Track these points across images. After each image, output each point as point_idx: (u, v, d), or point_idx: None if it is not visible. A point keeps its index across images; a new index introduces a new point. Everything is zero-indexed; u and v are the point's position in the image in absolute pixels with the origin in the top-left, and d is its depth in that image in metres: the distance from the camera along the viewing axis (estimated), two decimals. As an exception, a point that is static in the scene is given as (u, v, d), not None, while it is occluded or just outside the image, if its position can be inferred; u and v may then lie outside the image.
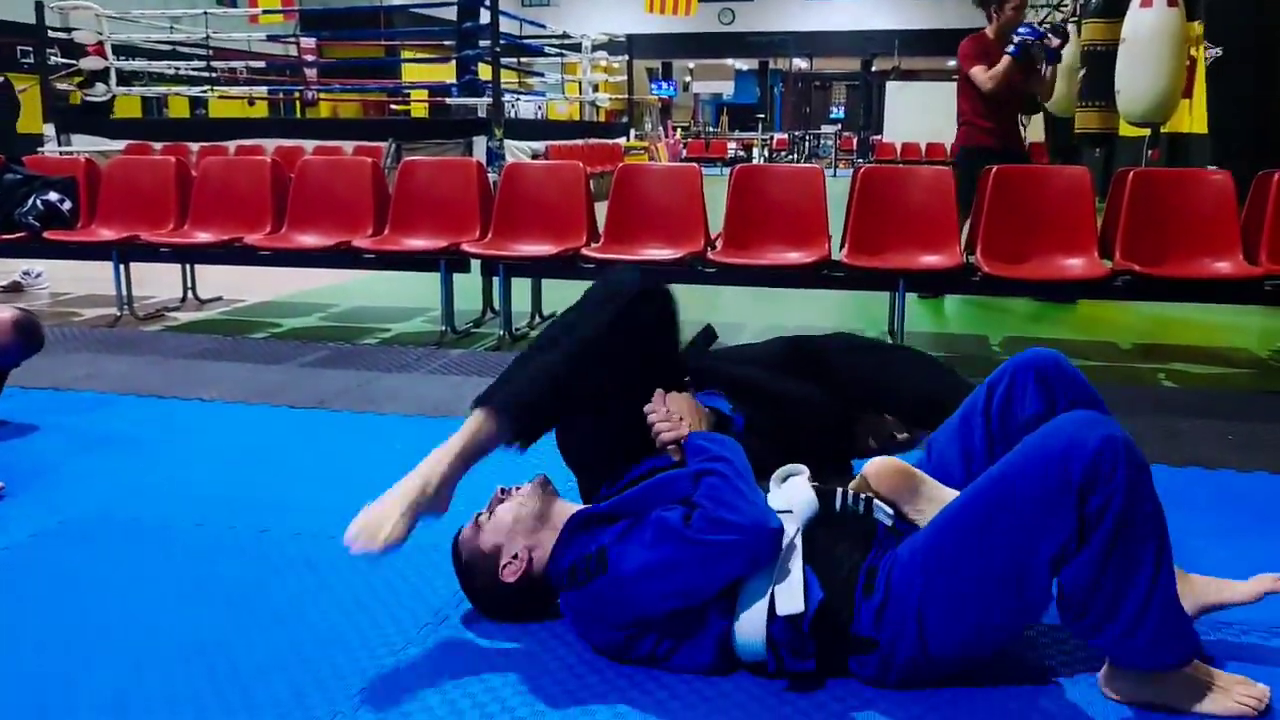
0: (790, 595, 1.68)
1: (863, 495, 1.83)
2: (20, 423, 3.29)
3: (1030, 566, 1.59)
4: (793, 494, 1.79)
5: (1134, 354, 4.76)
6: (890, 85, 23.06)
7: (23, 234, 5.14)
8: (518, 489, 1.95)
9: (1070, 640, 1.89)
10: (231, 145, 9.59)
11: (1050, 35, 5.51)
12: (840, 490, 1.83)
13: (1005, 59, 5.46)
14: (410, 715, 1.68)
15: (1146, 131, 8.24)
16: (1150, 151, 8.27)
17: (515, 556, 1.87)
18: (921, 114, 19.36)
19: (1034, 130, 12.93)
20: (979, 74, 5.57)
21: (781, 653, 1.71)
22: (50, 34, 11.03)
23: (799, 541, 1.72)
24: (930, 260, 4.33)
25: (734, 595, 1.72)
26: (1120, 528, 1.56)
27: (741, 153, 24.85)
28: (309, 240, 4.94)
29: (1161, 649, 1.63)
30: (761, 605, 1.69)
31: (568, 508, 1.93)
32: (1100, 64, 8.26)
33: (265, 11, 15.87)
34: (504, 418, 1.90)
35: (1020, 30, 5.46)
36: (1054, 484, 1.55)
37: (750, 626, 1.71)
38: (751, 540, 1.67)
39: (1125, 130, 9.50)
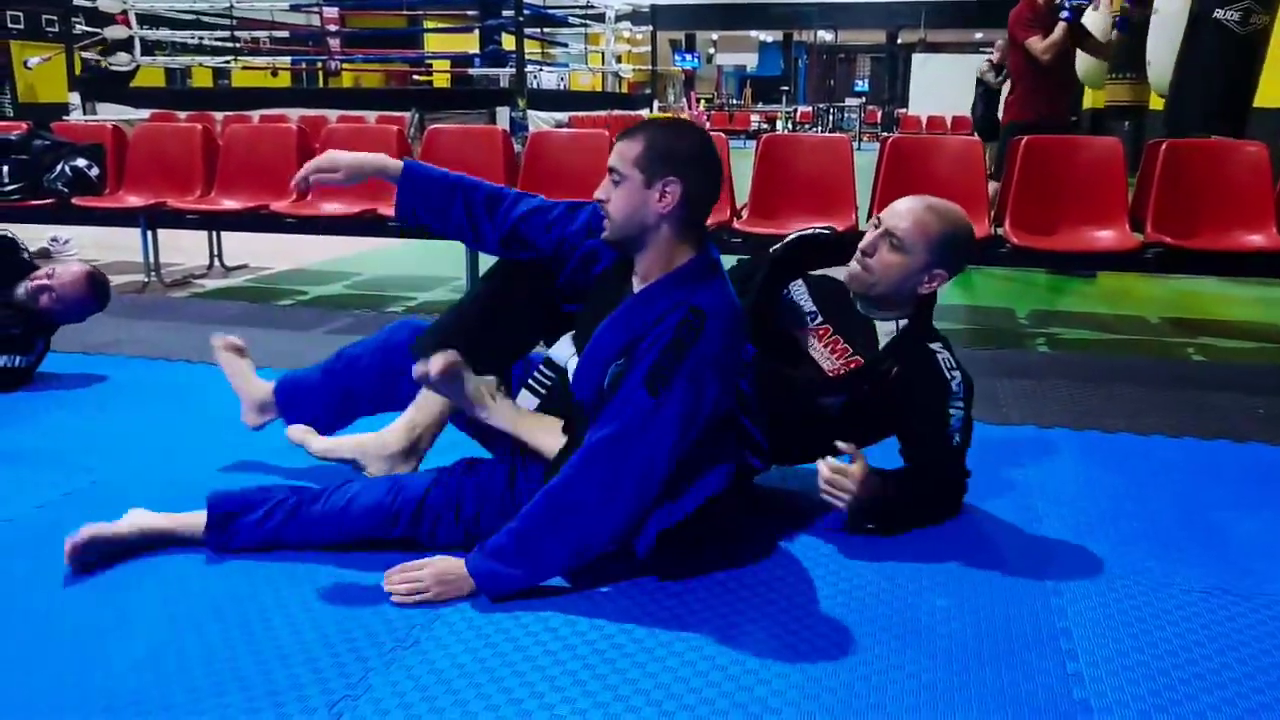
0: None
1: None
2: (51, 386, 3.32)
3: None
4: None
5: (1163, 327, 4.72)
6: (916, 58, 22.88)
7: (51, 200, 5.17)
8: None
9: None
10: (255, 115, 9.60)
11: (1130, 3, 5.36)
12: None
13: (1060, 25, 5.29)
14: (443, 671, 1.69)
15: (1178, 104, 8.13)
16: (1180, 125, 8.16)
17: None
18: (947, 87, 19.18)
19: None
20: (1035, 44, 5.42)
21: None
22: (75, 3, 11.05)
23: None
24: (958, 231, 4.28)
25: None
26: None
27: (765, 125, 24.69)
28: (334, 208, 4.94)
29: None
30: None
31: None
32: (1132, 35, 8.14)
33: (288, -20, 15.82)
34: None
35: None
36: None
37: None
38: None
39: (1156, 103, 9.38)
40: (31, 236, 6.22)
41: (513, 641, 1.79)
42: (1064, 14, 5.28)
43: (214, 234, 5.74)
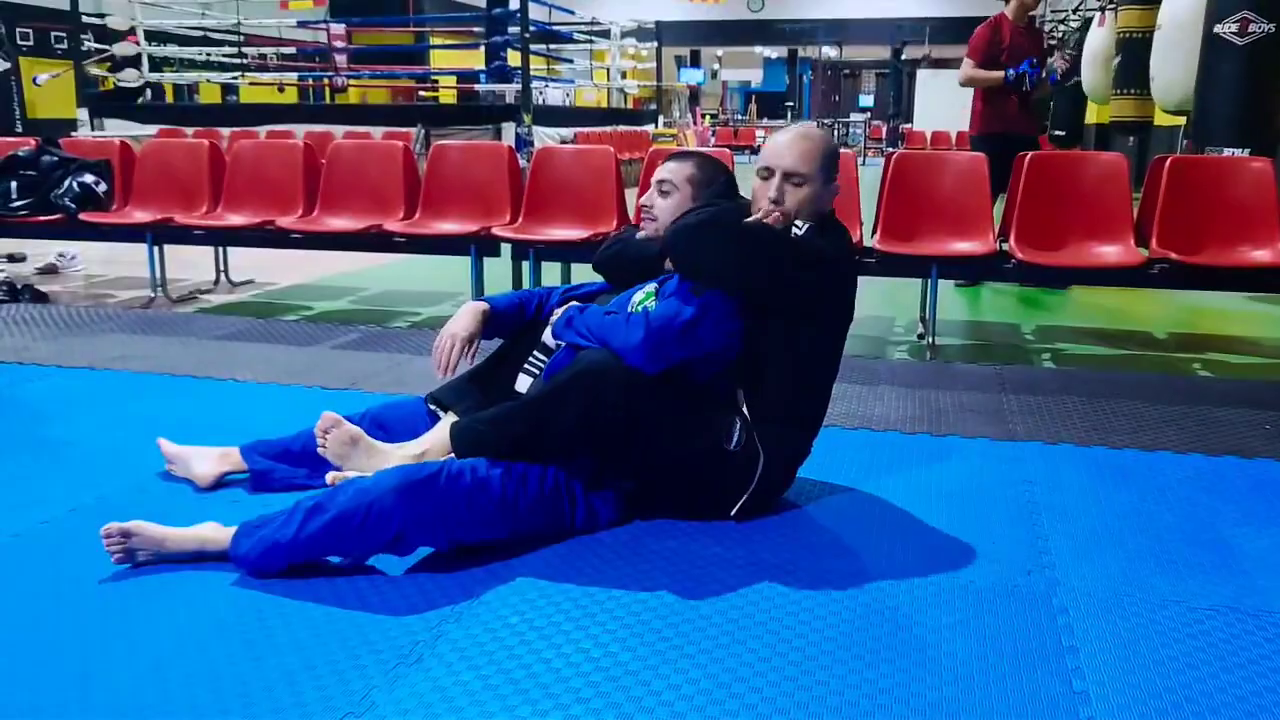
0: None
1: None
2: (57, 401, 3.33)
3: None
4: None
5: (1170, 343, 4.71)
6: (921, 73, 22.89)
7: (58, 216, 5.20)
8: None
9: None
10: (262, 131, 9.63)
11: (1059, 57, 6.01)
12: None
13: (995, 74, 5.71)
14: (446, 689, 1.69)
15: (1181, 120, 8.15)
16: (1185, 140, 8.17)
17: None
18: (953, 102, 19.14)
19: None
20: (963, 67, 5.91)
21: None
22: (84, 20, 11.11)
23: None
24: (963, 247, 4.29)
25: None
26: None
27: (769, 141, 24.68)
28: (340, 224, 4.96)
29: None
30: None
31: None
32: (1136, 51, 8.15)
33: (296, -4, 15.92)
34: None
35: (1022, 67, 5.66)
36: None
37: None
38: None
39: (1160, 119, 9.38)
40: (39, 252, 6.30)
41: (516, 659, 1.79)
42: (1007, 76, 5.68)
43: (220, 249, 5.75)
